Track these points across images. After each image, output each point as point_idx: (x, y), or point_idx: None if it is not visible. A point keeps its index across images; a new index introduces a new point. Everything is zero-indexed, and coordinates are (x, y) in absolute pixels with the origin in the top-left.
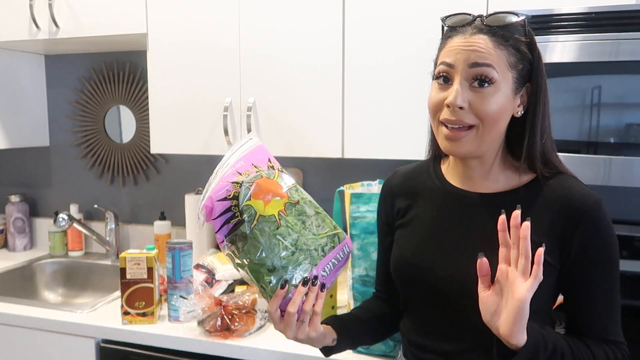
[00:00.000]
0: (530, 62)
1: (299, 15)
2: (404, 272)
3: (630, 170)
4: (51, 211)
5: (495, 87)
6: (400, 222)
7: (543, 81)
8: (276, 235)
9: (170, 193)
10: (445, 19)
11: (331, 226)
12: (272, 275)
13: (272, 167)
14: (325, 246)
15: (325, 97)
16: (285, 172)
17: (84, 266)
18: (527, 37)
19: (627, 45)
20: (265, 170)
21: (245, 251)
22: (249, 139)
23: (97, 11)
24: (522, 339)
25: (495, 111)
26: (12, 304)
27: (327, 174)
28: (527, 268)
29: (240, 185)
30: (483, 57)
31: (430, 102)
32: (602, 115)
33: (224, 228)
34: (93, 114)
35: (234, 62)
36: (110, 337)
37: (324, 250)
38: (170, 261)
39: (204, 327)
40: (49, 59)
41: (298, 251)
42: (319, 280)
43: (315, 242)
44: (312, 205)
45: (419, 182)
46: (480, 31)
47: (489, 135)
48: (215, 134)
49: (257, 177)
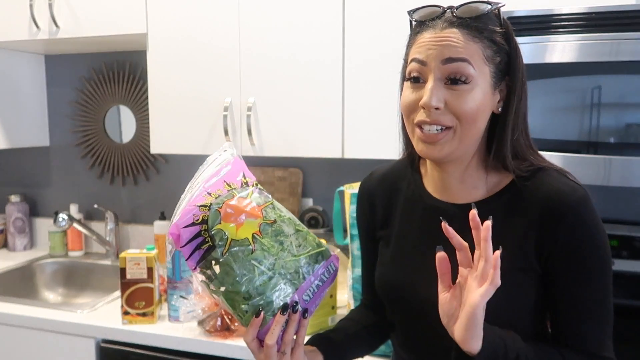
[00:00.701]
0: (507, 54)
1: (298, 15)
2: (387, 291)
3: (630, 170)
4: (51, 211)
5: (472, 84)
6: (381, 234)
7: (520, 74)
8: (250, 260)
9: (170, 193)
10: (412, 12)
11: (314, 244)
12: (248, 303)
13: (246, 183)
14: (308, 267)
15: (326, 98)
16: (260, 189)
17: (84, 266)
18: (503, 27)
19: (627, 45)
20: (238, 189)
21: (219, 278)
22: (224, 151)
23: (97, 11)
24: (476, 345)
25: (474, 109)
26: (12, 304)
27: (327, 174)
28: (487, 272)
29: (209, 208)
30: (457, 52)
31: (403, 104)
32: (602, 115)
33: (195, 254)
34: (93, 114)
35: (234, 62)
36: (110, 337)
37: (306, 273)
38: (170, 261)
39: (204, 327)
40: (49, 59)
41: (276, 276)
42: (300, 306)
43: (295, 264)
44: (292, 222)
45: (397, 188)
46: (452, 24)
47: (468, 136)
48: (215, 134)
49: (227, 197)
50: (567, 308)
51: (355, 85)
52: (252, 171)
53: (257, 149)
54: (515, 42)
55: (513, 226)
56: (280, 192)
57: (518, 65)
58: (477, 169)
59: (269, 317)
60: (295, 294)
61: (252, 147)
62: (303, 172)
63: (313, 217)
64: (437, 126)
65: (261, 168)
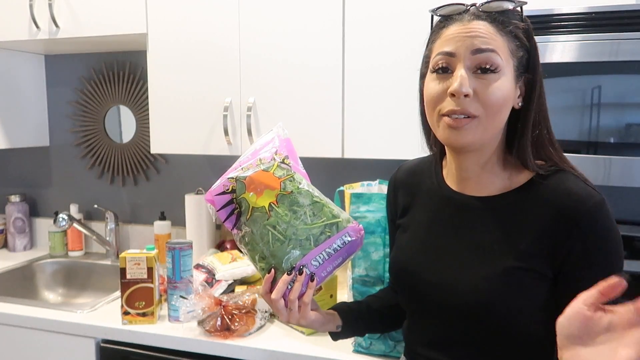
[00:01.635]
0: (527, 51)
1: (298, 14)
2: (398, 276)
3: (630, 170)
4: (51, 211)
5: (500, 74)
6: (400, 222)
7: (539, 71)
8: (266, 225)
9: (170, 193)
10: (436, 10)
11: (329, 215)
12: (264, 263)
13: (274, 159)
14: (320, 235)
15: (325, 97)
16: (285, 163)
17: (84, 266)
18: (525, 24)
19: (627, 45)
20: (266, 163)
21: (245, 239)
22: (271, 130)
23: (97, 11)
24: None
25: (500, 99)
26: (12, 304)
27: (327, 174)
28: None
29: (236, 180)
30: (486, 43)
31: (428, 95)
32: (602, 115)
33: (231, 218)
34: (93, 114)
35: (234, 62)
36: (110, 337)
37: (316, 241)
38: (170, 261)
39: (204, 327)
40: (49, 59)
41: (287, 240)
42: (307, 270)
43: (306, 232)
44: (309, 195)
45: (420, 180)
46: (479, 17)
47: (492, 126)
48: (215, 134)
49: (254, 171)
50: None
51: (355, 85)
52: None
53: None
54: (534, 41)
55: (525, 225)
56: None
57: (537, 62)
58: (495, 164)
59: (279, 276)
60: (304, 258)
61: None
62: None
63: None
64: (463, 115)
65: None
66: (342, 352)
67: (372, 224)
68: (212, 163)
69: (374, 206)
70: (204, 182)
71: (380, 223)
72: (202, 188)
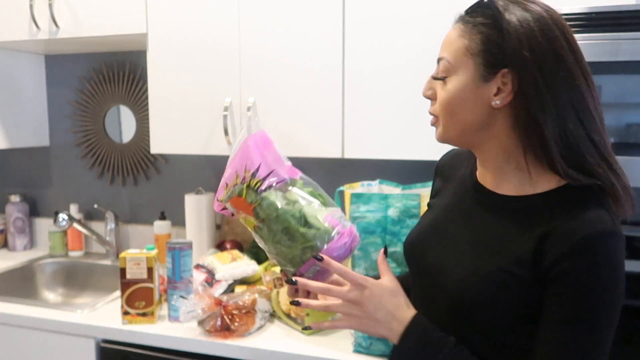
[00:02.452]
0: (498, 45)
1: (298, 14)
2: (407, 247)
3: (630, 170)
4: (51, 211)
5: (448, 79)
6: (430, 202)
7: (525, 62)
8: (259, 240)
9: (170, 193)
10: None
11: (302, 240)
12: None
13: (244, 178)
14: (303, 256)
15: (325, 97)
16: (252, 187)
17: (84, 266)
18: (490, 18)
19: (627, 45)
20: (239, 185)
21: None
22: (240, 135)
23: (97, 11)
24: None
25: (448, 100)
26: (12, 304)
27: (327, 174)
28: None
29: (224, 202)
30: (442, 50)
31: None
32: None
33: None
34: (93, 114)
35: (234, 62)
36: (110, 337)
37: (303, 259)
38: (170, 261)
39: (204, 327)
40: (49, 59)
41: (280, 258)
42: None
43: (291, 253)
44: (279, 221)
45: (458, 166)
46: (457, 21)
47: (452, 125)
48: (215, 134)
49: (230, 196)
50: (541, 342)
51: (356, 85)
52: None
53: None
54: (509, 31)
55: (530, 233)
56: None
57: (517, 52)
58: (506, 163)
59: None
60: (299, 270)
61: None
62: (303, 172)
63: None
64: (431, 115)
65: None
66: (342, 352)
67: (372, 224)
68: (212, 163)
69: (374, 206)
70: (204, 182)
71: (380, 223)
72: (202, 188)
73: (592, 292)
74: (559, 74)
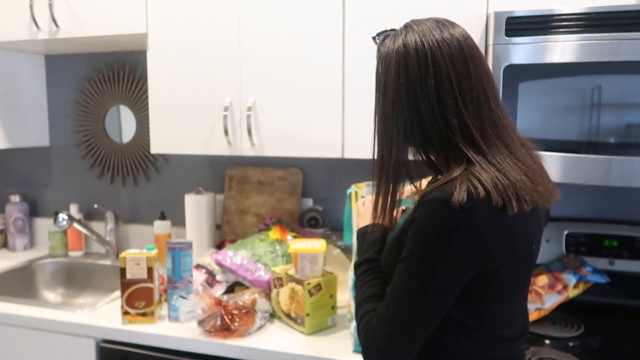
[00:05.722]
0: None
1: (298, 15)
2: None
3: (630, 170)
4: (51, 211)
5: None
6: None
7: (378, 77)
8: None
9: (170, 193)
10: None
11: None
12: None
13: None
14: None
15: (326, 98)
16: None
17: (84, 266)
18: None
19: (627, 45)
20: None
21: None
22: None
23: (97, 11)
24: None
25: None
26: (12, 304)
27: (327, 174)
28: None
29: None
30: None
31: None
32: (602, 115)
33: None
34: (93, 114)
35: (234, 61)
36: (110, 337)
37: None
38: (170, 261)
39: (203, 327)
40: (49, 59)
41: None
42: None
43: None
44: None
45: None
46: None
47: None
48: (215, 134)
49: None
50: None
51: (356, 85)
52: (252, 171)
53: (257, 149)
54: (380, 56)
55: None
56: (280, 192)
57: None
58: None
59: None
60: None
61: (252, 147)
62: (303, 172)
63: (313, 217)
64: None
65: (261, 168)
66: (342, 352)
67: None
68: (212, 163)
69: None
70: (204, 182)
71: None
72: (202, 188)
73: (415, 252)
74: (387, 83)
